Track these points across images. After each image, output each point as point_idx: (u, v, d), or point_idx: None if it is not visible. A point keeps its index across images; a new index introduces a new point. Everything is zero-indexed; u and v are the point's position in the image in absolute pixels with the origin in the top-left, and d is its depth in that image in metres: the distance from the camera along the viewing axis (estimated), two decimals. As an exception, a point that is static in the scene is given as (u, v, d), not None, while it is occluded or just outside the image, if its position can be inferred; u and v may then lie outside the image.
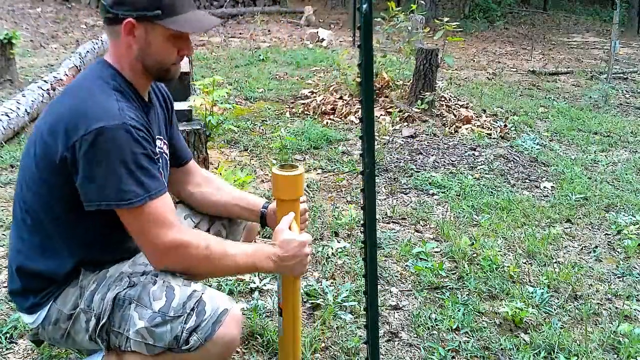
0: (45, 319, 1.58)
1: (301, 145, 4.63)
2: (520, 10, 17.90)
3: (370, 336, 1.71)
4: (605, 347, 2.36)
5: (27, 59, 7.36)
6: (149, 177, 1.42)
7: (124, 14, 1.44)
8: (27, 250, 1.56)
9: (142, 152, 1.41)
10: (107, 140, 1.37)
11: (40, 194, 1.50)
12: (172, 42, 1.49)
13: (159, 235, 1.44)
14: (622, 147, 5.27)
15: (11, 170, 3.82)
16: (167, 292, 1.48)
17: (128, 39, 1.47)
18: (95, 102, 1.42)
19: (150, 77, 1.56)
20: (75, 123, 1.39)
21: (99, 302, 1.52)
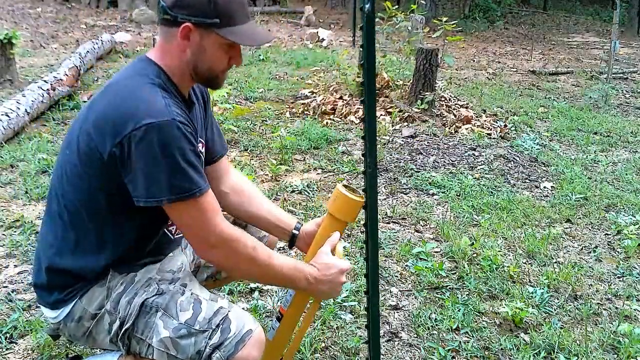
0: (68, 316, 1.57)
1: (301, 145, 4.63)
2: (520, 10, 17.90)
3: (371, 336, 1.71)
4: (605, 347, 2.36)
5: (27, 59, 7.36)
6: (197, 173, 1.42)
7: (183, 17, 1.43)
8: (60, 246, 1.55)
9: (190, 147, 1.42)
10: (157, 136, 1.37)
11: (83, 189, 1.49)
12: (225, 51, 1.49)
13: (209, 227, 1.45)
14: (622, 147, 5.27)
15: (11, 170, 3.82)
16: (195, 305, 1.49)
17: (183, 42, 1.46)
18: (142, 98, 1.41)
19: (197, 81, 1.56)
20: (124, 119, 1.38)
21: (125, 306, 1.52)
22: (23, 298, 2.48)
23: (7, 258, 2.80)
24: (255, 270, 1.55)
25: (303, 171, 4.20)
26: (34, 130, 4.62)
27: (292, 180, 3.98)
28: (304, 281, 1.58)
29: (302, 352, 2.18)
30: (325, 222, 1.71)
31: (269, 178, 4.01)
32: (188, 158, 1.41)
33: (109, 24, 10.88)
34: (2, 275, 2.65)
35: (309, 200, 3.66)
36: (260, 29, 1.56)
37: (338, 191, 1.65)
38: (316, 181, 3.99)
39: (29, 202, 3.38)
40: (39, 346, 2.15)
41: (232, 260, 1.53)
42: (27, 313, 2.38)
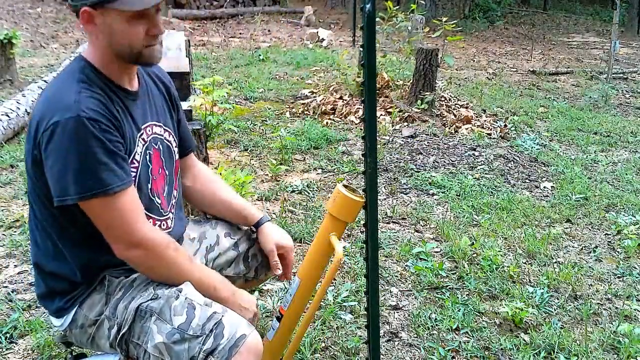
0: (72, 323, 1.58)
1: (301, 145, 4.63)
2: (520, 10, 17.90)
3: (371, 336, 1.70)
4: (605, 347, 2.36)
5: (27, 59, 7.36)
6: (108, 170, 1.39)
7: (81, 3, 1.41)
8: (41, 254, 1.57)
9: (98, 145, 1.38)
10: (63, 133, 1.36)
11: (34, 196, 1.52)
12: (134, 24, 1.44)
13: (126, 227, 1.43)
14: (622, 147, 5.27)
15: (11, 170, 3.82)
16: (188, 310, 1.47)
17: (90, 28, 1.45)
18: (55, 97, 1.41)
19: (125, 63, 1.51)
20: (39, 120, 1.40)
21: (122, 311, 1.52)
22: (23, 298, 2.48)
23: (7, 258, 2.80)
24: (174, 274, 1.53)
25: (303, 171, 4.20)
26: (34, 130, 4.62)
27: (292, 180, 3.98)
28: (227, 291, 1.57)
29: (302, 352, 2.18)
30: (325, 222, 1.70)
31: (269, 178, 4.01)
32: (95, 155, 1.38)
33: (109, 24, 10.87)
34: (2, 275, 2.65)
35: (309, 200, 3.66)
36: None
37: (338, 191, 1.65)
38: (316, 181, 3.99)
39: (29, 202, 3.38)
40: (39, 346, 2.15)
41: (152, 263, 1.50)
42: (27, 313, 2.38)
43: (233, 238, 1.89)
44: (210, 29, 11.79)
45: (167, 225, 1.66)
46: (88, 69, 1.48)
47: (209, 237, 1.88)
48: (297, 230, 3.16)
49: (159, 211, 1.63)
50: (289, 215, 3.43)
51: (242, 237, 1.90)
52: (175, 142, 1.71)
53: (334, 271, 1.64)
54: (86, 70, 1.48)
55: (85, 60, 1.50)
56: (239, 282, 1.90)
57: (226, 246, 1.87)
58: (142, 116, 1.57)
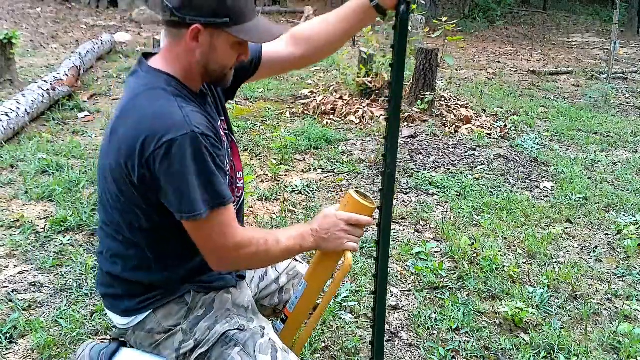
0: (138, 325, 1.58)
1: (301, 145, 4.63)
2: (520, 10, 17.90)
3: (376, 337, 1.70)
4: (605, 347, 2.36)
5: (27, 59, 7.36)
6: (218, 186, 1.40)
7: (193, 19, 1.38)
8: (120, 261, 1.55)
9: (211, 159, 1.39)
10: (177, 151, 1.34)
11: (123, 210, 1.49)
12: (236, 49, 1.47)
13: (221, 244, 1.45)
14: (622, 147, 5.27)
15: (11, 171, 3.82)
16: (272, 352, 1.52)
17: (192, 43, 1.42)
18: (160, 114, 1.38)
19: (207, 80, 1.53)
20: (145, 137, 1.36)
21: (204, 330, 1.54)
22: (23, 298, 2.48)
23: (7, 258, 2.80)
24: (270, 259, 1.58)
25: (303, 171, 4.20)
26: (34, 130, 4.62)
27: (292, 180, 3.98)
28: (310, 237, 1.59)
29: (302, 352, 2.18)
30: None
31: (269, 178, 4.01)
32: (211, 169, 1.39)
33: (109, 24, 10.87)
34: (2, 275, 2.65)
35: (309, 200, 3.66)
36: (269, 24, 1.53)
37: (350, 197, 1.64)
38: (316, 181, 3.99)
39: (29, 202, 3.38)
40: (39, 346, 2.15)
41: (249, 262, 1.56)
42: (27, 313, 2.38)
43: (277, 270, 1.93)
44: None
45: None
46: (174, 82, 1.46)
47: None
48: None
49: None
50: (289, 215, 3.43)
51: (283, 271, 1.94)
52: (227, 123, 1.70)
53: (343, 276, 1.65)
54: (173, 84, 1.45)
55: (166, 74, 1.46)
56: (268, 311, 1.94)
57: (271, 278, 1.92)
58: (216, 117, 1.59)
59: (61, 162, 3.93)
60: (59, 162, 3.90)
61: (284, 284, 1.93)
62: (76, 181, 3.61)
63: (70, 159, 4.09)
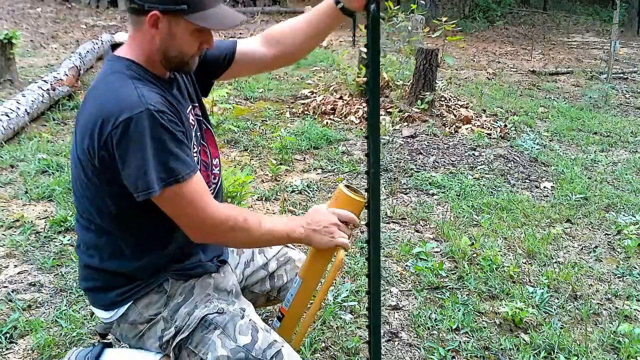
0: (121, 317, 1.59)
1: (301, 145, 4.63)
2: (520, 10, 17.90)
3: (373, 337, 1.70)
4: (605, 347, 2.36)
5: (27, 59, 7.36)
6: (178, 162, 1.41)
7: (151, 6, 1.40)
8: (96, 252, 1.57)
9: (169, 136, 1.40)
10: (134, 129, 1.36)
11: (95, 198, 1.51)
12: (196, 36, 1.47)
13: (199, 211, 1.45)
14: (622, 147, 5.27)
15: (11, 170, 3.82)
16: (252, 332, 1.52)
17: (151, 30, 1.44)
18: (115, 95, 1.41)
19: (167, 68, 1.54)
20: (102, 120, 1.38)
21: (184, 316, 1.54)
22: (23, 298, 2.48)
23: (7, 258, 2.80)
24: (250, 239, 1.56)
25: (303, 171, 4.20)
26: (34, 130, 4.62)
27: (292, 180, 3.98)
28: (300, 229, 1.59)
29: (302, 352, 2.18)
30: None
31: (269, 178, 4.01)
32: (168, 147, 1.39)
33: (109, 24, 10.87)
34: (2, 275, 2.65)
35: (309, 200, 3.66)
36: (230, 12, 1.51)
37: (340, 191, 1.65)
38: (316, 181, 3.99)
39: (29, 202, 3.38)
40: (39, 346, 2.15)
41: (227, 238, 1.55)
42: (27, 313, 2.38)
43: (266, 256, 1.93)
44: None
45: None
46: (135, 66, 1.48)
47: (246, 251, 1.92)
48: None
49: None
50: (289, 215, 3.43)
51: (272, 257, 1.94)
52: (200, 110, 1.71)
53: (336, 272, 1.64)
54: (133, 67, 1.48)
55: (127, 59, 1.49)
56: (261, 299, 1.94)
57: (259, 264, 1.91)
58: (183, 102, 1.60)
59: (61, 162, 3.93)
60: (59, 162, 3.90)
61: (273, 270, 1.92)
62: (76, 181, 3.61)
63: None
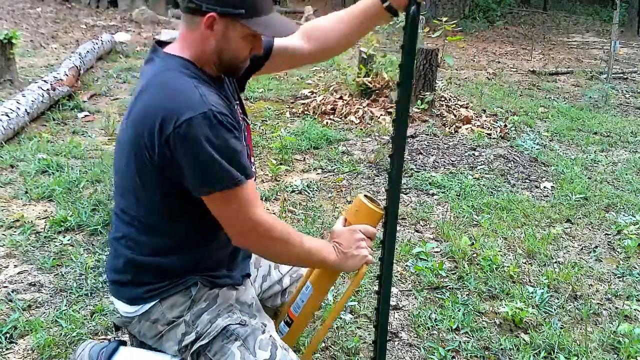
0: (144, 314, 1.58)
1: (301, 145, 4.63)
2: (520, 10, 17.90)
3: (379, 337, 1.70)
4: (605, 347, 2.36)
5: (27, 59, 7.36)
6: (239, 164, 1.42)
7: (209, 7, 1.40)
8: (138, 248, 1.56)
9: (231, 138, 1.41)
10: (198, 129, 1.36)
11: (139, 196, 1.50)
12: (249, 41, 1.48)
13: (247, 214, 1.46)
14: (622, 147, 5.27)
15: (11, 170, 3.82)
16: (272, 349, 1.52)
17: (207, 32, 1.44)
18: (177, 93, 1.40)
19: (219, 69, 1.54)
20: (163, 117, 1.37)
21: (205, 323, 1.55)
22: (23, 298, 2.48)
23: (7, 258, 2.80)
24: (289, 254, 1.58)
25: (303, 171, 4.20)
26: (34, 130, 4.62)
27: (292, 180, 3.98)
28: (334, 254, 1.62)
29: (302, 351, 2.18)
30: None
31: (269, 178, 4.01)
32: (230, 146, 1.40)
33: (109, 24, 10.87)
34: (2, 275, 2.65)
35: (309, 200, 3.66)
36: (284, 19, 1.53)
37: (361, 202, 1.65)
38: (316, 181, 3.99)
39: (29, 202, 3.38)
40: (39, 346, 2.15)
41: (268, 245, 1.55)
42: (27, 313, 2.38)
43: (280, 272, 1.94)
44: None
45: None
46: (190, 64, 1.48)
47: (263, 265, 1.92)
48: (297, 230, 3.15)
49: None
50: (289, 215, 3.43)
51: (286, 273, 1.94)
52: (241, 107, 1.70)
53: (357, 285, 1.66)
54: (188, 66, 1.48)
55: (180, 57, 1.48)
56: (269, 313, 1.92)
57: (275, 279, 1.92)
58: (233, 103, 1.60)
59: (61, 162, 3.93)
60: (59, 162, 3.90)
61: (287, 286, 1.93)
62: (76, 181, 3.61)
63: (70, 159, 4.09)
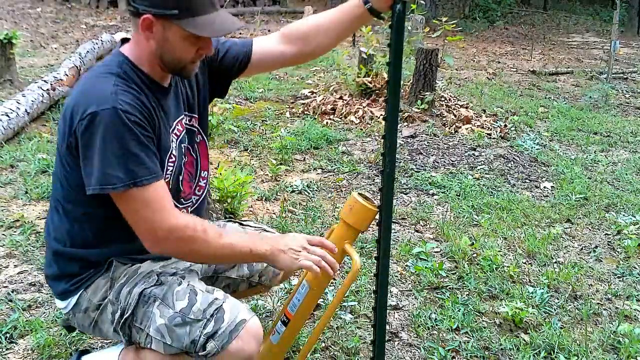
0: (75, 306, 1.61)
1: (301, 145, 4.63)
2: (520, 10, 17.89)
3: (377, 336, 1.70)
4: (605, 347, 2.36)
5: (27, 59, 7.36)
6: (136, 164, 1.41)
7: (144, 9, 1.43)
8: (61, 237, 1.59)
9: (131, 137, 1.41)
10: (98, 124, 1.39)
11: (64, 183, 1.54)
12: (191, 42, 1.48)
13: (152, 221, 1.44)
14: (622, 147, 5.27)
15: (11, 170, 3.82)
16: (190, 295, 1.51)
17: (146, 34, 1.47)
18: (92, 88, 1.45)
19: (166, 71, 1.55)
20: (75, 109, 1.43)
21: (125, 296, 1.55)
22: (23, 298, 2.48)
23: (7, 258, 2.80)
24: (210, 252, 1.53)
25: (303, 171, 4.20)
26: (34, 130, 4.62)
27: (292, 180, 3.98)
28: (264, 244, 1.56)
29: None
30: (339, 230, 1.70)
31: (269, 178, 4.01)
32: (127, 147, 1.40)
33: (109, 24, 10.87)
34: (2, 275, 2.65)
35: (309, 200, 3.66)
36: (225, 18, 1.51)
37: (355, 200, 1.65)
38: (316, 181, 3.99)
39: (29, 202, 3.38)
40: (39, 346, 2.15)
41: (184, 249, 1.51)
42: (27, 313, 2.38)
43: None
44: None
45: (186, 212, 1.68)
46: (127, 65, 1.51)
47: None
48: (297, 230, 3.16)
49: (181, 201, 1.66)
50: (289, 215, 3.43)
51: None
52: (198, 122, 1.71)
53: (350, 282, 1.66)
54: (124, 66, 1.50)
55: (125, 56, 1.52)
56: (242, 285, 1.91)
57: None
58: (175, 111, 1.60)
59: (61, 162, 3.93)
60: (59, 162, 3.90)
61: None
62: (76, 181, 3.61)
63: (70, 159, 4.09)
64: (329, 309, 1.69)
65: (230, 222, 1.99)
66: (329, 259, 1.57)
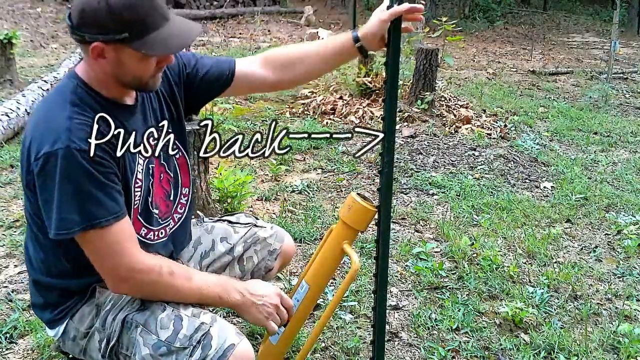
0: (64, 334, 1.58)
1: (301, 145, 4.63)
2: (520, 10, 17.90)
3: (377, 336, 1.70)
4: (605, 347, 2.36)
5: (27, 59, 7.36)
6: (94, 204, 1.35)
7: (92, 37, 1.33)
8: (40, 267, 1.55)
9: (87, 178, 1.34)
10: (52, 166, 1.32)
11: (31, 214, 1.49)
12: (148, 60, 1.40)
13: (113, 262, 1.40)
14: (622, 147, 5.27)
15: (11, 171, 3.82)
16: (175, 322, 1.46)
17: (99, 60, 1.37)
18: (46, 122, 1.37)
19: (127, 89, 1.48)
20: (32, 147, 1.36)
21: (110, 323, 1.51)
22: (23, 298, 2.48)
23: (7, 258, 2.80)
24: (177, 295, 1.49)
25: (303, 171, 4.20)
26: (34, 130, 4.62)
27: (292, 180, 3.98)
28: (236, 293, 1.52)
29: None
30: (338, 230, 1.70)
31: (269, 178, 4.01)
32: (86, 188, 1.34)
33: (109, 24, 10.86)
34: (2, 275, 2.65)
35: (309, 200, 3.66)
36: (180, 28, 1.40)
37: (353, 200, 1.65)
38: (316, 181, 3.99)
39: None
40: (39, 346, 2.15)
41: (148, 291, 1.48)
42: (27, 313, 2.38)
43: (229, 243, 1.87)
44: (210, 29, 11.79)
45: (165, 232, 1.64)
46: (81, 89, 1.42)
47: (204, 242, 1.86)
48: (297, 230, 3.16)
49: (157, 221, 1.60)
50: (289, 215, 3.43)
51: (238, 241, 1.88)
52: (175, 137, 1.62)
53: (349, 283, 1.65)
54: (79, 91, 1.41)
55: (79, 79, 1.43)
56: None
57: (221, 251, 1.86)
58: (141, 129, 1.51)
59: (61, 162, 3.93)
60: (59, 162, 3.90)
61: (240, 254, 1.87)
62: (76, 181, 3.61)
63: (70, 159, 4.09)
64: (328, 309, 1.68)
65: (219, 222, 1.94)
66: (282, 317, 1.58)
